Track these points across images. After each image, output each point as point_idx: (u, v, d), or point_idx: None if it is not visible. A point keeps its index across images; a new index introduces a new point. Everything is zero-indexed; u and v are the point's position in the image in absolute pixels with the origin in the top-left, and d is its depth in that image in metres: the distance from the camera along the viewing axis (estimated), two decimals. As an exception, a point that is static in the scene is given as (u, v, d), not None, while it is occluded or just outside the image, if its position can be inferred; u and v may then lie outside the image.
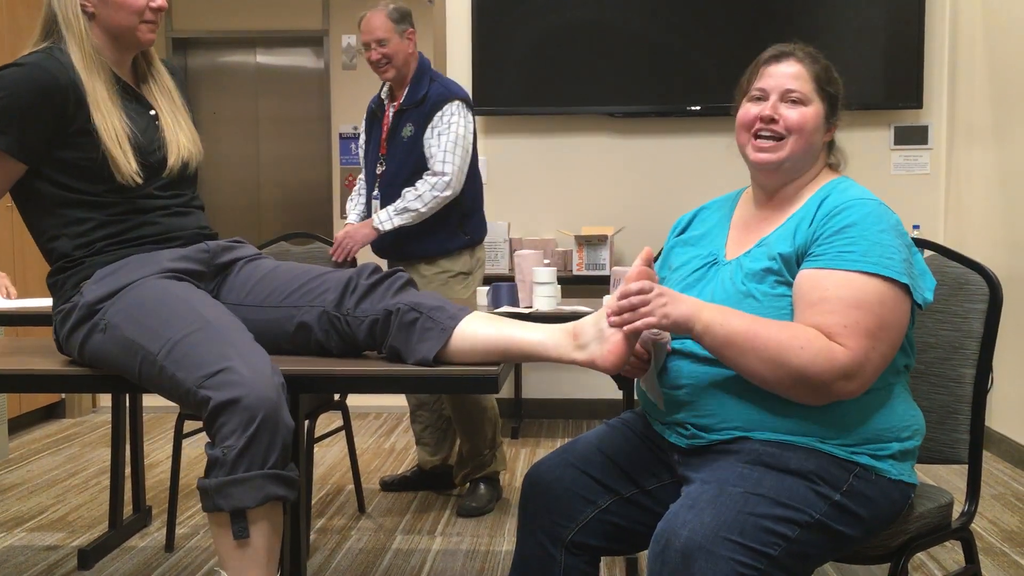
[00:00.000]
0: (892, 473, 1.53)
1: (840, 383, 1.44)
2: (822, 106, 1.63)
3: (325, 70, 7.28)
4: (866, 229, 1.50)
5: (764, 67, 1.66)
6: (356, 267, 1.76)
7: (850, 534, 1.49)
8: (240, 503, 1.52)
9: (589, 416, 4.59)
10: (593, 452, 1.69)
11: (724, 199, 1.79)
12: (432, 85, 3.18)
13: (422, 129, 3.14)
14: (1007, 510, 3.12)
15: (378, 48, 3.13)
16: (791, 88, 1.62)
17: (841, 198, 1.56)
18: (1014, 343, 3.56)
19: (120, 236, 1.80)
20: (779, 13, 4.29)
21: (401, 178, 3.16)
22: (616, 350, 1.52)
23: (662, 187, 4.49)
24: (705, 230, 1.75)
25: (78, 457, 3.89)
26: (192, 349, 1.58)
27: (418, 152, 3.15)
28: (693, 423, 1.57)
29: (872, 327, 1.45)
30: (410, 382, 1.64)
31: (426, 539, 2.90)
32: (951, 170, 4.35)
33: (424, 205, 3.08)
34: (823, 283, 1.48)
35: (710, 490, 1.45)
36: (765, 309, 1.53)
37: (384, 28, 3.12)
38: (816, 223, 1.55)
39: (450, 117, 3.12)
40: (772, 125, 1.62)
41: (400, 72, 3.17)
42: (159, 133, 1.87)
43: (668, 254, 1.79)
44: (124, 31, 1.83)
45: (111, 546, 2.82)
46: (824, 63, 1.66)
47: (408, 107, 3.17)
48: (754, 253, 1.60)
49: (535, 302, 2.61)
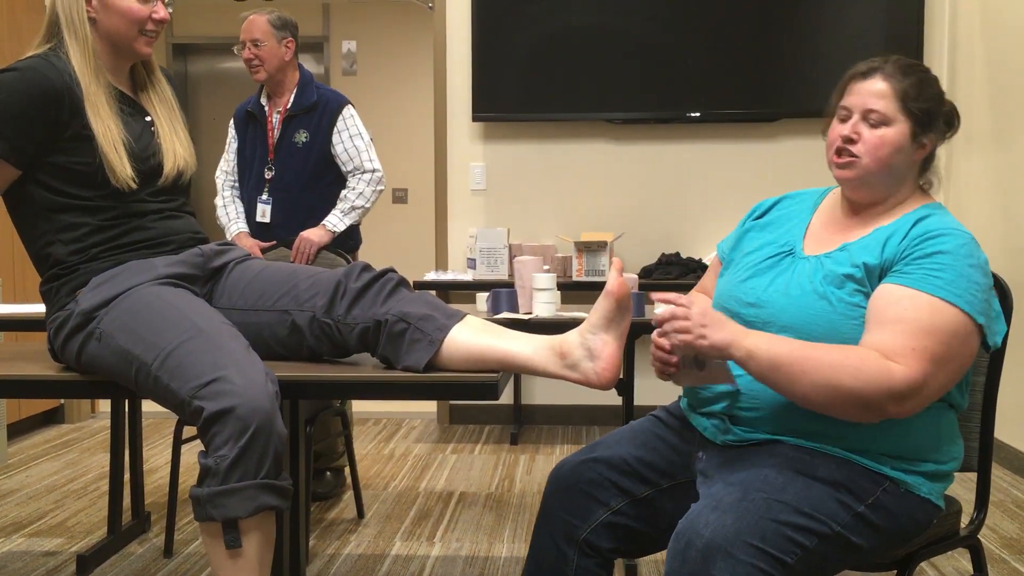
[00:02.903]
0: (922, 491, 1.53)
1: (893, 403, 1.43)
2: (907, 125, 1.59)
3: (325, 75, 7.29)
4: (957, 260, 1.49)
5: (851, 83, 1.63)
6: (346, 267, 1.76)
7: (867, 548, 1.49)
8: (232, 513, 1.52)
9: (588, 422, 4.59)
10: (614, 450, 1.69)
11: (809, 193, 1.77)
12: (319, 93, 3.37)
13: (321, 135, 3.32)
14: (1007, 517, 3.12)
15: (252, 48, 3.27)
16: (872, 108, 1.58)
17: (939, 224, 1.55)
18: (1015, 350, 3.56)
19: (114, 241, 1.80)
20: (779, 20, 4.29)
21: (300, 183, 3.33)
22: (608, 366, 1.53)
23: (661, 193, 4.50)
24: (785, 218, 1.73)
25: (77, 462, 3.88)
26: (185, 359, 1.58)
27: (315, 157, 3.32)
28: (732, 418, 1.58)
29: (939, 355, 1.45)
30: (410, 388, 1.64)
31: (425, 545, 2.90)
32: (950, 176, 4.35)
33: (368, 201, 3.36)
34: (903, 302, 1.47)
35: (734, 492, 1.45)
36: (837, 315, 1.52)
37: (262, 30, 3.28)
38: (908, 240, 1.54)
39: (353, 120, 3.36)
40: (850, 145, 1.60)
41: (273, 77, 3.31)
42: (155, 139, 1.87)
43: (742, 237, 1.77)
44: (122, 40, 1.83)
45: (110, 552, 2.81)
46: (916, 78, 1.61)
47: (297, 113, 3.33)
48: (836, 256, 1.59)
49: (535, 308, 2.61)
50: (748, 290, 1.63)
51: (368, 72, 7.28)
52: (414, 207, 7.29)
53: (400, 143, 7.26)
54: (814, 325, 1.53)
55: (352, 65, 7.27)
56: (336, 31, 7.28)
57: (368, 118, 7.34)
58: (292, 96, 3.34)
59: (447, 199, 4.59)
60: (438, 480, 3.61)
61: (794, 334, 1.53)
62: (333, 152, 3.34)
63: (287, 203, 3.32)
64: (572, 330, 1.60)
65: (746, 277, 1.66)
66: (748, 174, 4.43)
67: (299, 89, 3.35)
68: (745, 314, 1.61)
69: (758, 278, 1.64)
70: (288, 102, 3.34)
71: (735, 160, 4.44)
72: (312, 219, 3.33)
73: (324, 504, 3.30)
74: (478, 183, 4.55)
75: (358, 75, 7.27)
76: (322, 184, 3.36)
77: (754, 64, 4.30)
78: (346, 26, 7.26)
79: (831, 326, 1.52)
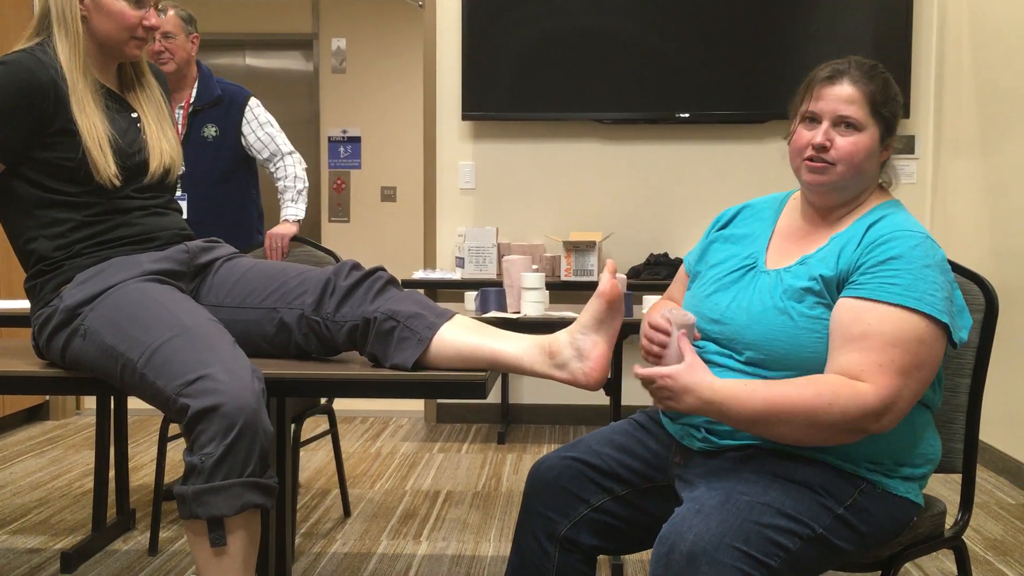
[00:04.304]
0: (899, 490, 1.54)
1: (871, 422, 1.44)
2: (877, 130, 1.58)
3: (314, 73, 7.28)
4: (911, 263, 1.49)
5: (818, 88, 1.60)
6: (335, 265, 1.75)
7: (848, 549, 1.50)
8: (217, 511, 1.51)
9: (576, 422, 4.59)
10: (594, 450, 1.70)
11: (770, 200, 1.76)
12: (222, 87, 3.45)
13: (231, 128, 3.40)
14: (991, 519, 3.14)
15: (163, 41, 3.34)
16: (845, 115, 1.56)
17: (889, 227, 1.54)
18: (999, 352, 3.58)
19: (99, 237, 1.78)
20: (769, 22, 4.30)
21: (214, 176, 3.38)
22: (597, 366, 1.53)
23: (651, 193, 4.50)
24: (748, 231, 1.73)
25: (62, 460, 3.86)
26: (171, 356, 1.57)
27: (226, 150, 3.40)
28: (708, 427, 1.58)
29: (907, 366, 1.45)
30: (398, 387, 1.64)
31: (412, 544, 2.89)
32: (938, 180, 4.38)
33: (306, 180, 3.47)
34: (865, 317, 1.47)
35: (717, 496, 1.45)
36: (799, 329, 1.52)
37: (173, 23, 3.35)
38: (861, 249, 1.53)
39: (261, 109, 3.46)
40: (823, 153, 1.58)
41: (180, 70, 3.36)
42: (141, 136, 1.86)
43: (707, 249, 1.77)
44: (112, 43, 1.83)
45: (94, 549, 2.80)
46: (881, 78, 1.59)
47: (203, 107, 3.39)
48: (795, 270, 1.58)
49: (523, 307, 2.61)
50: (712, 306, 1.64)
51: (358, 70, 7.27)
52: (403, 206, 7.28)
53: (389, 141, 7.26)
54: (777, 341, 1.53)
55: (342, 63, 7.26)
56: (326, 29, 7.26)
57: (357, 116, 7.41)
58: (194, 91, 3.42)
59: (436, 198, 4.58)
60: (425, 479, 3.61)
61: (758, 351, 1.54)
62: (245, 144, 3.42)
63: (202, 198, 3.38)
64: (562, 330, 1.60)
65: (710, 292, 1.66)
66: (737, 175, 4.44)
67: (200, 83, 3.43)
68: (710, 330, 1.62)
69: (721, 293, 1.64)
70: (191, 96, 3.42)
71: (724, 161, 4.45)
72: (228, 212, 3.41)
73: (310, 503, 3.29)
74: (467, 182, 4.55)
75: (347, 73, 7.26)
76: (235, 177, 3.45)
77: (744, 66, 4.32)
78: (336, 24, 7.25)
79: (794, 341, 1.52)
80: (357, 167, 7.29)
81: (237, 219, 3.42)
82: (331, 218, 7.36)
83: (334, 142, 7.30)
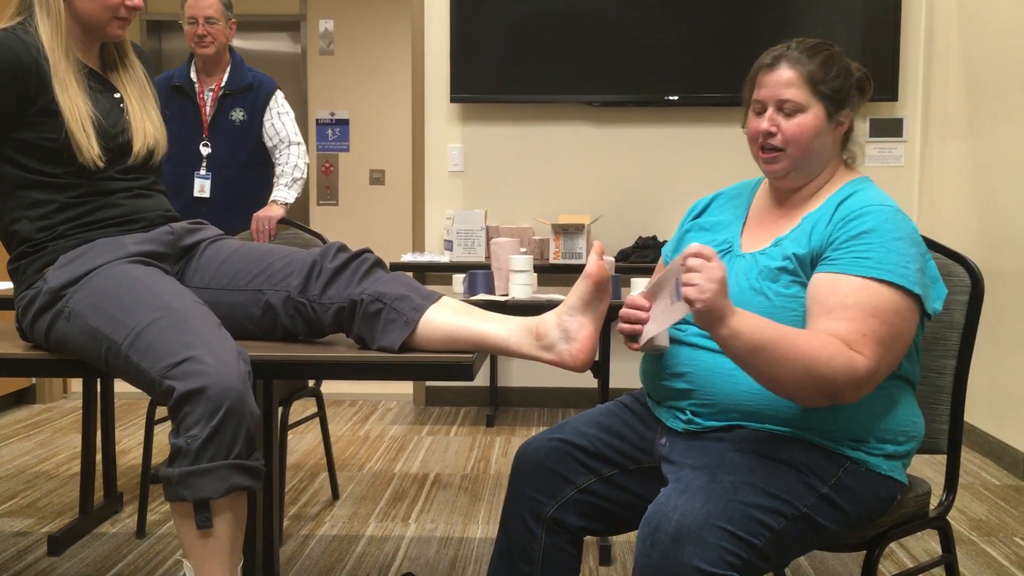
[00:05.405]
0: (883, 468, 1.55)
1: (852, 390, 1.45)
2: (821, 107, 1.60)
3: (302, 55, 7.23)
4: (882, 236, 1.50)
5: (760, 76, 1.63)
6: (322, 247, 1.74)
7: (833, 528, 1.51)
8: (204, 493, 1.51)
9: (564, 404, 4.60)
10: (580, 432, 1.71)
11: (742, 187, 1.78)
12: (252, 75, 3.57)
13: (256, 114, 3.52)
14: (975, 499, 3.16)
15: (206, 25, 3.43)
16: (784, 98, 1.59)
17: (859, 202, 1.56)
18: (985, 334, 3.60)
19: (82, 219, 1.77)
20: (758, 5, 4.29)
21: (238, 160, 3.52)
22: (584, 348, 1.53)
23: (639, 176, 4.50)
24: (721, 218, 1.75)
25: (49, 443, 3.85)
26: (156, 338, 1.56)
27: (252, 136, 3.52)
28: (692, 409, 1.59)
29: (886, 337, 1.46)
30: (384, 369, 1.63)
31: (400, 526, 2.90)
32: (925, 163, 4.39)
33: (304, 173, 3.58)
34: (841, 288, 1.48)
35: (702, 476, 1.46)
36: (775, 308, 1.53)
37: (216, 8, 3.45)
38: (833, 225, 1.55)
39: (284, 101, 3.60)
40: (771, 139, 1.61)
41: (219, 53, 3.48)
42: (124, 117, 1.84)
43: (683, 238, 1.78)
44: (95, 23, 1.81)
45: (81, 532, 2.80)
46: (820, 58, 1.60)
47: (232, 92, 3.50)
48: (770, 252, 1.60)
49: (511, 290, 2.61)
50: None
51: (345, 52, 7.22)
52: (391, 188, 7.25)
53: (377, 124, 7.22)
54: None
55: (329, 45, 7.21)
56: (313, 10, 7.21)
57: (345, 98, 7.37)
58: (226, 75, 3.51)
59: (424, 180, 4.57)
60: (413, 462, 3.61)
61: None
62: (262, 129, 3.54)
63: (225, 179, 3.50)
64: (549, 312, 1.59)
65: None
66: (726, 158, 4.44)
67: (232, 69, 3.54)
68: (690, 316, 1.62)
69: None
70: (223, 81, 3.51)
71: (713, 143, 4.44)
72: (249, 196, 3.50)
73: (298, 485, 3.29)
74: (456, 164, 4.53)
75: (335, 55, 7.21)
76: (258, 163, 3.56)
77: (733, 48, 4.31)
78: (323, 5, 7.19)
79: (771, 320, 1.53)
80: (345, 150, 7.26)
81: (256, 204, 3.48)
82: (319, 201, 7.33)
83: (322, 125, 7.26)
